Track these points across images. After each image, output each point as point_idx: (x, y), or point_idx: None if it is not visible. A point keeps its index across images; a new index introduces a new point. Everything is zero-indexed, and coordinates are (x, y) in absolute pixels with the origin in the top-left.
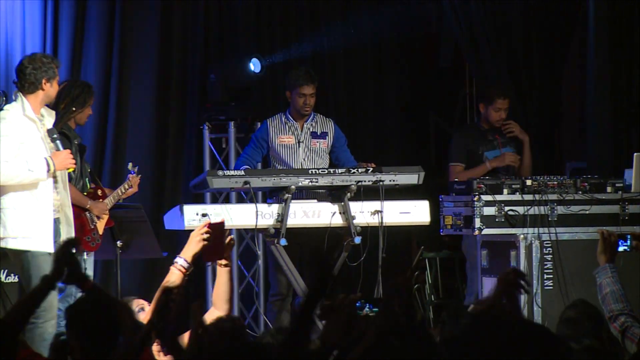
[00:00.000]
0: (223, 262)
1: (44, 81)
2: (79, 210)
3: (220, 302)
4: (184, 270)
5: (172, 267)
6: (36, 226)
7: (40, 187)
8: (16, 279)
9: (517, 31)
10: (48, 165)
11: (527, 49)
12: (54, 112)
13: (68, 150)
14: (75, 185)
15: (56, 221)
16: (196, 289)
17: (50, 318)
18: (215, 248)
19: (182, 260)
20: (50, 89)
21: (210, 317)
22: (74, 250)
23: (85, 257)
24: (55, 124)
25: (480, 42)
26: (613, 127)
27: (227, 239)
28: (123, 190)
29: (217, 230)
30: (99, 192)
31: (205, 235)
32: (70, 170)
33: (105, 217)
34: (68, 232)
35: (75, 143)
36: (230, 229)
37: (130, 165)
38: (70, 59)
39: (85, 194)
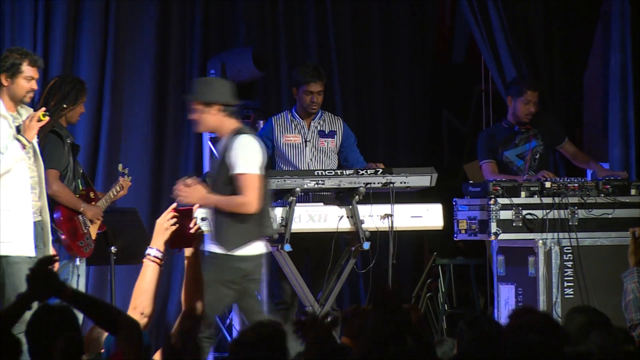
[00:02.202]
0: (191, 252)
1: (2, 77)
2: (71, 214)
3: (191, 300)
4: (158, 261)
5: (145, 260)
6: (16, 230)
7: (18, 190)
8: None
9: (537, 24)
10: (19, 141)
11: (547, 42)
12: (32, 110)
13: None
14: (67, 186)
15: (37, 224)
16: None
17: None
18: (182, 234)
19: (155, 250)
20: (12, 86)
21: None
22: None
23: (77, 263)
24: None
25: (497, 36)
26: (636, 127)
27: (194, 227)
28: (115, 193)
29: (184, 215)
30: (92, 194)
31: (173, 220)
32: (41, 115)
33: (99, 221)
34: (46, 238)
35: (68, 142)
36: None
37: (120, 167)
38: (63, 55)
39: (77, 196)
